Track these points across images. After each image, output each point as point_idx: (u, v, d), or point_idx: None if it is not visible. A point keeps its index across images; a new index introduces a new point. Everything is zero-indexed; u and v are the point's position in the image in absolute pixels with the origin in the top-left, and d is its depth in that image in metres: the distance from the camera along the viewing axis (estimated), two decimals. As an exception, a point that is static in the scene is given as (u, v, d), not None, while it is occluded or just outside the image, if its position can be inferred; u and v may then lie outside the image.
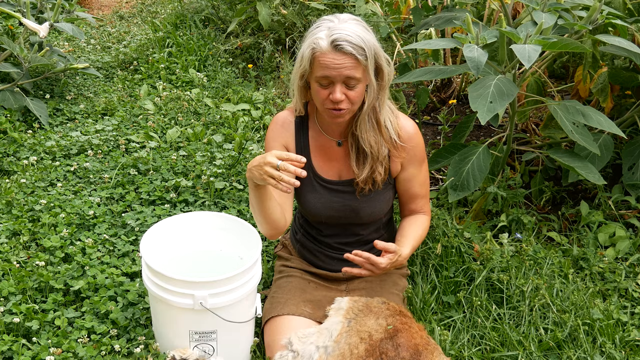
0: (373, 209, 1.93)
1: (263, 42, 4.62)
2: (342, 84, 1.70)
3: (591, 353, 1.96)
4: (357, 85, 1.71)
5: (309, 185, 1.93)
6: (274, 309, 1.90)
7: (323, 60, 1.68)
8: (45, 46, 3.77)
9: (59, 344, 1.89)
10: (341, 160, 1.92)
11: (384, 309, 1.83)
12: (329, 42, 1.67)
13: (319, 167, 1.93)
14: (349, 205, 1.91)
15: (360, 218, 1.94)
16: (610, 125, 2.36)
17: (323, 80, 1.71)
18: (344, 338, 1.74)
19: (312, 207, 1.94)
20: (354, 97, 1.72)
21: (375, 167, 1.85)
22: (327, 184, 1.92)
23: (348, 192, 1.91)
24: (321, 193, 1.92)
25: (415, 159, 1.92)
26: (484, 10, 3.80)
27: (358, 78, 1.70)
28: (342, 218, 1.94)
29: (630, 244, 2.51)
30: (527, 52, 1.99)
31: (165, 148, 3.23)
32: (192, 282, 1.72)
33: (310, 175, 1.92)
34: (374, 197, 1.91)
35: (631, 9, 2.64)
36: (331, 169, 1.93)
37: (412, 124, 1.91)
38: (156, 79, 4.29)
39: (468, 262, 2.27)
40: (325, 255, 2.03)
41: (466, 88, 3.97)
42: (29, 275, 2.17)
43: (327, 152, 1.93)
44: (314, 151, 1.93)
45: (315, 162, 1.93)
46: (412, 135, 1.89)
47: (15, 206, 2.62)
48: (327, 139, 1.92)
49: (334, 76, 1.68)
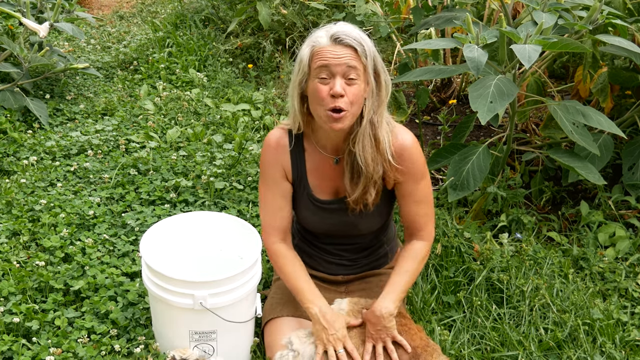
0: (370, 223, 1.90)
1: (263, 42, 4.62)
2: (342, 77, 1.64)
3: (591, 353, 1.96)
4: (356, 82, 1.66)
5: (305, 203, 1.89)
6: (274, 310, 1.90)
7: (323, 53, 1.65)
8: (45, 46, 3.77)
9: (59, 344, 1.89)
10: (337, 179, 1.85)
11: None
12: (328, 37, 1.66)
13: (315, 187, 1.87)
14: (346, 221, 1.87)
15: (358, 230, 1.91)
16: (610, 125, 2.36)
17: (323, 73, 1.65)
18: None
19: (310, 222, 1.93)
20: (352, 95, 1.65)
21: (368, 188, 1.77)
22: (321, 204, 1.88)
23: (344, 210, 1.86)
24: (316, 211, 1.89)
25: (412, 173, 1.80)
26: (484, 10, 3.80)
27: (358, 72, 1.65)
28: (339, 231, 1.92)
29: (630, 244, 2.51)
30: (527, 52, 1.99)
31: (165, 148, 3.23)
32: (192, 282, 1.72)
33: (305, 194, 1.88)
34: (369, 212, 1.85)
35: (631, 9, 2.64)
36: (327, 187, 1.88)
37: (411, 137, 1.80)
38: (156, 79, 4.29)
39: (468, 262, 2.27)
40: (324, 260, 2.01)
41: (466, 88, 3.97)
42: (29, 275, 2.17)
43: (323, 170, 1.86)
44: (310, 171, 1.87)
45: (311, 181, 1.87)
46: (408, 149, 1.79)
47: (15, 206, 2.62)
48: (324, 156, 1.85)
49: (333, 66, 1.64)
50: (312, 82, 1.69)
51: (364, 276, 2.02)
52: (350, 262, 2.00)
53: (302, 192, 1.89)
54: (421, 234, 1.88)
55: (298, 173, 1.87)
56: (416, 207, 1.85)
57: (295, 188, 1.90)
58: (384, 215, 1.91)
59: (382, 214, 1.90)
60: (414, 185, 1.82)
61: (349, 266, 2.01)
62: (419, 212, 1.86)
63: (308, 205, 1.89)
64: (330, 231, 1.93)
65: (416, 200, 1.84)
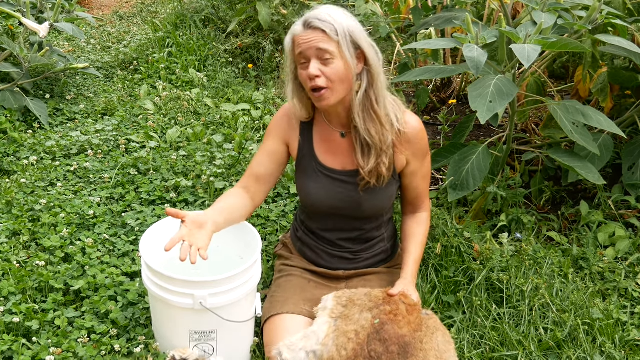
0: (375, 203, 1.93)
1: (263, 42, 4.62)
2: (316, 59, 1.73)
3: (591, 353, 1.96)
4: (333, 61, 1.72)
5: (312, 175, 1.94)
6: (274, 308, 1.90)
7: (297, 40, 1.76)
8: (45, 46, 3.78)
9: (59, 344, 1.89)
10: (345, 153, 1.92)
11: (367, 300, 1.81)
12: (301, 24, 1.75)
13: (323, 158, 1.94)
14: (352, 196, 1.91)
15: (362, 212, 1.93)
16: (610, 125, 2.37)
17: (300, 60, 1.76)
18: (331, 340, 1.71)
19: (315, 196, 1.94)
20: (330, 73, 1.73)
21: (381, 158, 1.85)
22: (330, 173, 1.93)
23: (351, 184, 1.91)
24: (324, 182, 1.93)
25: (420, 153, 1.93)
26: (483, 10, 3.81)
27: (330, 52, 1.71)
28: (344, 209, 1.94)
29: (630, 243, 2.51)
30: (527, 52, 1.99)
31: (165, 148, 3.23)
32: (192, 281, 1.72)
33: (313, 164, 1.94)
34: (377, 191, 1.91)
35: (631, 9, 2.64)
36: (335, 160, 1.94)
37: (417, 119, 1.92)
38: (156, 79, 4.29)
39: (468, 262, 2.27)
40: (326, 253, 2.03)
41: (466, 88, 3.97)
42: (29, 275, 2.17)
43: (331, 144, 1.94)
44: (318, 143, 1.95)
45: (319, 152, 1.94)
46: (417, 129, 1.90)
47: (15, 206, 2.62)
48: (332, 130, 1.93)
49: (305, 50, 1.73)
50: (298, 68, 1.80)
51: (365, 273, 2.04)
52: (352, 256, 2.02)
53: (309, 163, 1.95)
54: (424, 206, 2.04)
55: (305, 143, 1.94)
56: (422, 182, 1.99)
57: (300, 161, 1.97)
58: (387, 197, 1.95)
59: (386, 195, 1.94)
60: (421, 161, 1.95)
61: (350, 260, 2.02)
62: (424, 187, 2.01)
63: (316, 177, 1.94)
64: (335, 209, 1.95)
65: (422, 176, 1.98)
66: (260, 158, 1.99)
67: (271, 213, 2.66)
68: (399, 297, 1.82)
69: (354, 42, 1.75)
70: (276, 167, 2.00)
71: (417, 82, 2.91)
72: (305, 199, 1.99)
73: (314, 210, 1.99)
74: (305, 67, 1.76)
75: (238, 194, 1.94)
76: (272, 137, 1.99)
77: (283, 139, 1.99)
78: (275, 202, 2.79)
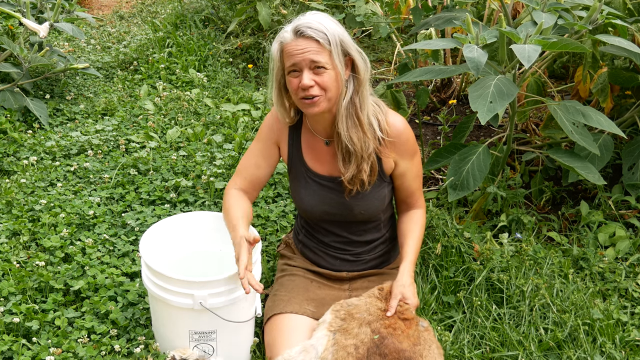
0: (367, 207, 1.92)
1: (263, 42, 4.62)
2: (309, 70, 1.72)
3: (591, 353, 1.96)
4: (326, 72, 1.72)
5: (302, 182, 1.95)
6: (277, 307, 1.90)
7: (288, 49, 1.74)
8: (45, 46, 3.77)
9: (59, 344, 1.89)
10: (331, 160, 1.92)
11: (366, 314, 1.77)
12: (291, 32, 1.73)
13: (311, 164, 1.95)
14: (342, 202, 1.91)
15: (354, 216, 1.93)
16: (610, 125, 2.36)
17: (292, 69, 1.75)
18: (330, 354, 1.68)
19: (307, 202, 1.95)
20: (324, 82, 1.73)
21: (361, 165, 1.83)
22: (319, 179, 1.93)
23: (339, 190, 1.91)
24: (314, 189, 1.94)
25: (407, 153, 1.92)
26: (484, 10, 3.81)
27: (324, 63, 1.71)
28: (337, 215, 1.94)
29: (630, 244, 2.51)
30: (527, 52, 1.99)
31: (165, 148, 3.23)
32: (191, 282, 1.72)
33: (303, 171, 1.95)
34: (366, 195, 1.90)
35: (631, 9, 2.64)
36: (322, 167, 1.94)
37: (401, 119, 1.91)
38: (156, 79, 4.29)
39: (468, 262, 2.26)
40: (328, 255, 2.03)
41: (466, 88, 3.97)
42: (29, 275, 2.17)
43: (317, 151, 1.94)
44: (306, 149, 1.95)
45: (307, 159, 1.95)
46: (401, 131, 1.89)
47: (15, 206, 2.62)
48: (317, 138, 1.93)
49: (298, 62, 1.72)
50: (287, 75, 1.79)
51: (368, 274, 2.04)
52: (353, 258, 2.02)
53: (300, 169, 1.96)
54: (417, 204, 2.03)
55: (294, 149, 1.95)
56: (413, 181, 1.98)
57: (291, 167, 1.98)
58: (379, 199, 1.94)
59: (378, 198, 1.93)
60: (410, 161, 1.94)
61: (352, 262, 2.02)
62: (416, 185, 2.00)
63: (306, 183, 1.95)
64: (328, 214, 1.95)
65: (413, 175, 1.98)
66: (257, 160, 2.00)
67: (271, 213, 2.66)
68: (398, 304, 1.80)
69: (344, 50, 1.75)
70: (271, 170, 2.03)
71: (417, 82, 2.91)
72: (299, 205, 2.00)
73: (308, 215, 2.00)
74: (296, 75, 1.75)
75: (243, 198, 1.97)
76: (265, 139, 2.00)
77: (275, 141, 2.00)
78: (275, 202, 2.79)
